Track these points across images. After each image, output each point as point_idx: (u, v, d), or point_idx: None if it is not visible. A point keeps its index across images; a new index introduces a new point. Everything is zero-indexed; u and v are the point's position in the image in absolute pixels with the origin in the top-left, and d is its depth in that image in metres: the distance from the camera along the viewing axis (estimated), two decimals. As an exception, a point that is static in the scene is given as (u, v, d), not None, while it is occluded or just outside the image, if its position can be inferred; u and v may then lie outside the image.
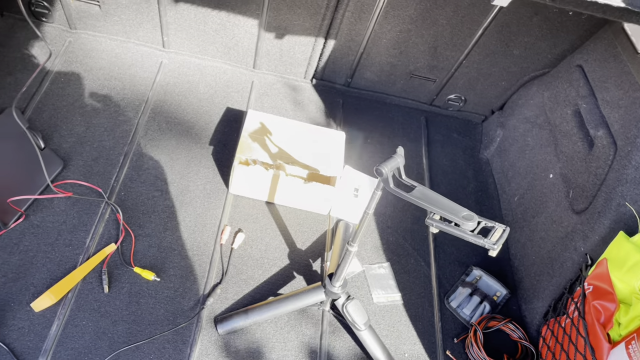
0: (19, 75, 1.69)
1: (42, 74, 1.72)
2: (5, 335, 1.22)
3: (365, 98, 1.98)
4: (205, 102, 1.82)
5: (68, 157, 1.55)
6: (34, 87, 1.68)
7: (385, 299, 1.48)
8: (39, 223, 1.41)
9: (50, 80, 1.71)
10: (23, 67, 1.72)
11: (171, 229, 1.49)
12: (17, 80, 1.68)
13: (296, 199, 1.58)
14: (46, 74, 1.72)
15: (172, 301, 1.36)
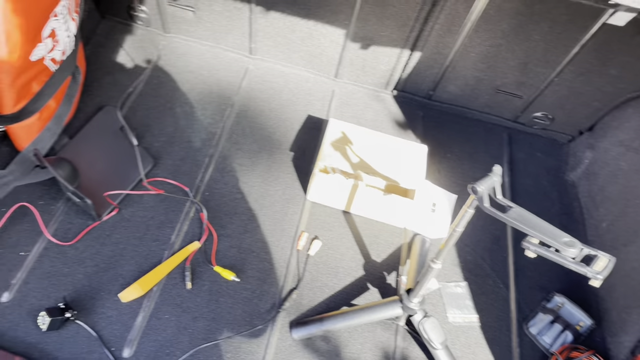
0: (117, 75, 1.79)
1: (138, 74, 1.81)
2: (95, 322, 1.28)
3: (446, 111, 1.95)
4: (287, 108, 1.86)
5: (158, 155, 1.62)
6: (130, 87, 1.77)
7: (461, 319, 1.44)
8: (129, 217, 1.48)
9: (145, 81, 1.79)
10: (120, 68, 1.82)
11: (251, 231, 1.52)
12: (115, 80, 1.78)
13: (373, 210, 1.57)
14: (141, 75, 1.81)
15: (250, 302, 1.39)
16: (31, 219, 1.41)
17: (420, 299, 1.26)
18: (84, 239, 1.41)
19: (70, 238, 1.40)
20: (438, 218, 1.63)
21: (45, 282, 1.32)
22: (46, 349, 1.22)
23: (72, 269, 1.35)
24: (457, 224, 1.05)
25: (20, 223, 1.40)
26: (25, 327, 1.24)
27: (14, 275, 1.31)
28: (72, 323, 1.26)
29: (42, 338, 1.23)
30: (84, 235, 1.41)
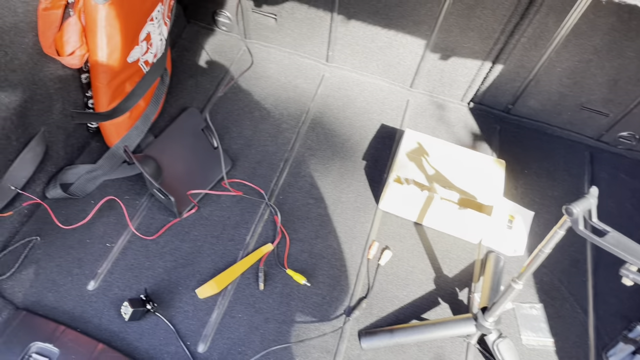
0: (200, 78, 1.86)
1: (219, 79, 1.87)
2: (172, 315, 1.33)
3: (524, 126, 1.89)
4: (361, 117, 1.86)
5: (236, 157, 1.67)
6: (211, 90, 1.83)
7: (535, 342, 1.39)
8: (207, 216, 1.53)
9: (224, 85, 1.85)
10: (203, 71, 1.89)
11: (322, 237, 1.54)
12: (198, 83, 1.85)
13: (447, 224, 1.55)
14: (222, 79, 1.87)
15: (320, 308, 1.40)
16: (117, 213, 1.49)
17: (496, 318, 1.23)
18: (164, 234, 1.47)
19: (152, 233, 1.46)
20: (514, 235, 1.59)
21: (128, 274, 1.38)
22: (127, 338, 1.27)
23: (153, 263, 1.41)
24: (545, 245, 1.02)
25: (108, 216, 1.48)
26: (109, 315, 1.30)
27: (100, 264, 1.39)
28: (151, 315, 1.31)
29: (124, 327, 1.29)
30: (165, 230, 1.47)
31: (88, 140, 1.61)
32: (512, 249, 1.57)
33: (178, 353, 1.27)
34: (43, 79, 1.32)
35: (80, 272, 1.37)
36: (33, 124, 1.35)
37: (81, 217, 1.46)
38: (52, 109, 1.39)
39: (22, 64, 1.24)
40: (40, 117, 1.36)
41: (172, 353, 1.27)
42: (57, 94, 1.38)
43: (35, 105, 1.33)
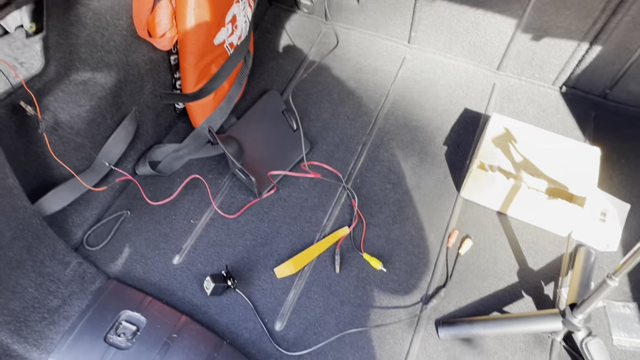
0: (280, 61, 1.87)
1: (299, 61, 1.87)
2: (251, 292, 1.36)
3: (623, 113, 1.75)
4: (443, 100, 1.80)
5: (314, 140, 1.67)
6: (292, 72, 1.84)
7: (628, 344, 1.30)
8: (286, 197, 1.54)
9: (305, 67, 1.85)
10: (284, 54, 1.90)
11: (400, 222, 1.51)
12: (279, 65, 1.86)
13: (534, 214, 1.47)
14: (302, 62, 1.87)
15: (396, 294, 1.38)
16: (201, 191, 1.54)
17: (586, 316, 1.15)
18: (245, 213, 1.50)
19: (233, 211, 1.50)
20: (607, 229, 1.48)
21: (210, 250, 1.43)
22: (208, 312, 1.32)
23: (233, 241, 1.45)
24: (649, 241, 0.93)
25: (192, 194, 1.53)
26: (192, 289, 1.36)
27: (185, 240, 1.44)
28: (231, 291, 1.35)
29: (206, 301, 1.34)
30: (245, 210, 1.51)
31: (175, 120, 1.67)
32: (605, 244, 1.46)
33: (256, 329, 1.30)
34: (136, 60, 1.38)
35: (166, 246, 1.43)
36: (126, 104, 1.42)
37: (168, 194, 1.52)
38: (143, 90, 1.45)
39: (117, 45, 1.30)
40: (133, 97, 1.43)
41: (250, 329, 1.30)
42: (148, 75, 1.44)
43: (128, 85, 1.39)
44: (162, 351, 1.18)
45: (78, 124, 1.30)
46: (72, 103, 1.28)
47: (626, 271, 1.00)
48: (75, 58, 1.25)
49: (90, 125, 1.33)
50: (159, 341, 1.20)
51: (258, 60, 1.86)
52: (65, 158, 1.32)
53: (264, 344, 1.28)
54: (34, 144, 1.25)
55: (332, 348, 1.28)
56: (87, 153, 1.37)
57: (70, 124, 1.29)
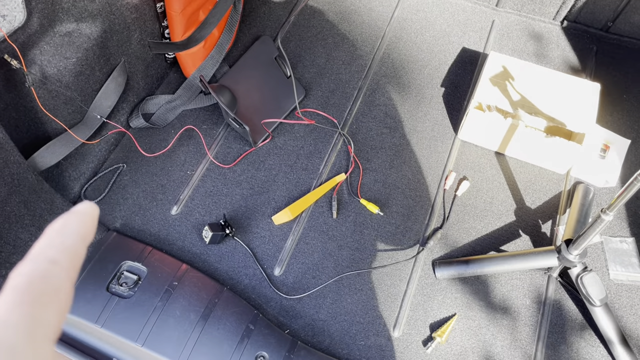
0: (272, 5, 1.82)
1: (291, 5, 1.82)
2: (249, 240, 1.38)
3: (625, 46, 1.70)
4: (441, 40, 1.75)
5: (309, 86, 1.64)
6: (284, 17, 1.79)
7: (624, 277, 1.31)
8: (281, 145, 1.53)
9: (298, 11, 1.80)
10: (275, -2, 1.84)
11: (396, 167, 1.50)
12: (270, 10, 1.81)
13: (532, 153, 1.46)
14: (295, 5, 1.82)
15: (393, 237, 1.39)
16: (196, 142, 1.53)
17: (581, 251, 1.16)
18: (241, 163, 1.50)
19: (229, 161, 1.50)
20: (607, 165, 1.47)
21: (207, 200, 1.43)
22: (208, 260, 1.34)
23: (230, 190, 1.45)
24: (643, 173, 0.92)
25: (187, 145, 1.53)
26: (191, 238, 1.37)
27: (182, 191, 1.45)
28: (230, 239, 1.37)
29: (205, 250, 1.36)
30: (241, 159, 1.50)
31: (166, 71, 1.65)
32: (604, 180, 1.45)
33: (256, 275, 1.32)
34: (120, 9, 1.34)
35: (163, 197, 1.44)
36: (114, 55, 1.39)
37: (163, 146, 1.52)
38: (131, 39, 1.42)
39: (100, -7, 1.27)
40: (120, 47, 1.40)
41: (250, 275, 1.32)
42: (134, 24, 1.40)
43: (115, 35, 1.36)
44: (164, 298, 1.21)
45: (66, 76, 1.28)
46: (58, 55, 1.26)
47: (620, 205, 1.00)
48: (58, 8, 1.22)
49: (79, 78, 1.32)
50: (161, 289, 1.23)
51: (249, 6, 1.80)
52: (55, 112, 1.31)
53: (264, 288, 1.30)
54: (22, 99, 1.24)
55: (331, 291, 1.30)
56: (77, 106, 1.36)
57: (58, 77, 1.27)
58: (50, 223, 0.29)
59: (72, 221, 0.29)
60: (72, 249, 0.28)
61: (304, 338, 1.24)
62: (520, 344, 1.23)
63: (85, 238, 0.29)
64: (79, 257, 0.29)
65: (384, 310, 1.28)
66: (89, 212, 0.31)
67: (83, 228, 0.29)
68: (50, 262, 0.27)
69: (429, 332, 1.25)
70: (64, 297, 0.26)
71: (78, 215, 0.30)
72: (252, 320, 1.20)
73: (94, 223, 0.31)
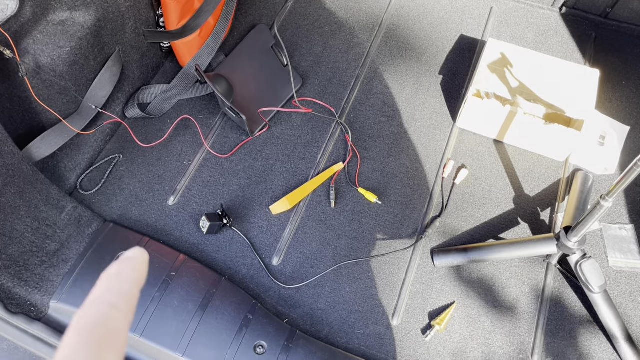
0: (268, -6, 1.80)
1: (288, -7, 1.80)
2: (247, 230, 1.37)
3: (625, 32, 1.69)
4: (439, 28, 1.74)
5: (306, 75, 1.63)
6: (280, 5, 1.77)
7: (624, 264, 1.31)
8: (279, 135, 1.52)
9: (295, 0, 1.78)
10: (271, -14, 1.82)
11: (395, 155, 1.49)
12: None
13: (531, 140, 1.45)
14: (291, -7, 1.80)
15: (391, 226, 1.38)
16: (192, 132, 1.52)
17: (580, 238, 1.15)
18: (238, 152, 1.49)
19: (226, 151, 1.49)
20: (606, 152, 1.46)
21: (204, 190, 1.43)
22: (206, 250, 1.34)
23: (227, 180, 1.44)
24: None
25: (184, 135, 1.52)
26: (189, 229, 1.37)
27: (179, 181, 1.44)
28: (228, 229, 1.36)
29: (203, 240, 1.35)
30: (238, 149, 1.49)
31: (162, 60, 1.63)
32: (603, 167, 1.45)
33: (254, 265, 1.32)
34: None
35: (160, 188, 1.43)
36: (108, 44, 1.38)
37: (159, 136, 1.50)
38: (125, 28, 1.40)
39: (93, -19, 1.25)
40: (115, 36, 1.38)
41: (248, 265, 1.32)
42: (128, 12, 1.39)
43: (109, 24, 1.34)
44: (161, 289, 1.21)
45: (60, 66, 1.27)
46: (52, 45, 1.24)
47: (619, 191, 0.99)
48: (50, -3, 1.20)
49: (73, 67, 1.30)
50: (158, 279, 1.22)
51: (245, -6, 1.79)
52: (50, 102, 1.30)
53: (262, 278, 1.30)
54: (16, 89, 1.22)
55: (329, 280, 1.30)
56: (72, 97, 1.35)
57: (52, 67, 1.26)
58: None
59: (127, 267, 0.32)
60: (128, 294, 0.30)
61: (302, 327, 1.24)
62: (519, 332, 1.23)
63: (139, 283, 0.32)
64: (135, 302, 0.31)
65: (383, 298, 1.27)
66: (140, 257, 0.33)
67: (137, 274, 0.32)
68: (110, 306, 0.29)
69: (427, 321, 1.25)
70: (123, 339, 0.29)
71: (131, 262, 0.32)
72: (251, 309, 1.20)
73: (145, 268, 0.33)
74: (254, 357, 1.14)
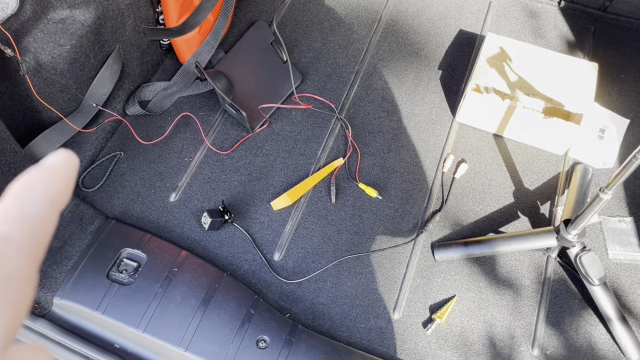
0: (267, -10, 1.80)
1: (287, -11, 1.80)
2: (249, 226, 1.38)
3: (623, 26, 1.69)
4: (438, 23, 1.74)
5: (306, 71, 1.63)
6: (279, 1, 1.78)
7: (623, 257, 1.31)
8: (279, 131, 1.53)
9: (293, -5, 1.79)
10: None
11: (394, 150, 1.50)
12: (266, -5, 1.80)
13: (530, 134, 1.45)
14: (290, -10, 1.80)
15: (392, 220, 1.39)
16: (193, 129, 1.52)
17: (580, 231, 1.16)
18: (238, 149, 1.49)
19: (226, 148, 1.49)
20: (605, 146, 1.46)
21: (206, 187, 1.43)
22: (208, 246, 1.34)
23: (228, 176, 1.45)
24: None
25: (184, 132, 1.52)
26: (190, 225, 1.37)
27: (180, 178, 1.44)
28: (229, 225, 1.37)
29: (204, 236, 1.36)
30: (238, 145, 1.50)
31: (161, 57, 1.63)
32: (602, 161, 1.45)
33: (255, 261, 1.32)
34: (113, -5, 1.33)
35: (162, 184, 1.43)
36: (108, 42, 1.38)
37: (160, 133, 1.51)
38: (125, 26, 1.41)
39: (92, -21, 1.25)
40: (114, 34, 1.39)
41: (249, 260, 1.32)
42: (128, 10, 1.39)
43: (109, 21, 1.35)
44: (164, 285, 1.21)
45: (60, 64, 1.27)
46: (52, 43, 1.25)
47: (618, 183, 1.00)
48: (50, -5, 1.21)
49: (74, 65, 1.31)
50: (161, 275, 1.23)
51: (244, -9, 1.79)
52: (51, 100, 1.30)
53: (264, 273, 1.31)
54: (17, 87, 1.23)
55: (331, 274, 1.31)
56: (73, 94, 1.35)
57: (53, 65, 1.26)
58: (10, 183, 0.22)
59: (38, 179, 0.22)
60: (34, 218, 0.21)
61: (304, 322, 1.24)
62: (520, 324, 1.24)
63: (54, 203, 0.22)
64: (45, 230, 0.21)
65: (384, 293, 1.28)
66: (61, 165, 0.23)
67: (52, 188, 0.22)
68: (1, 239, 0.20)
69: (428, 314, 1.26)
70: (16, 288, 0.19)
71: (46, 171, 0.22)
72: (253, 304, 1.21)
73: (68, 180, 0.23)
74: (256, 351, 1.15)
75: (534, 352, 1.21)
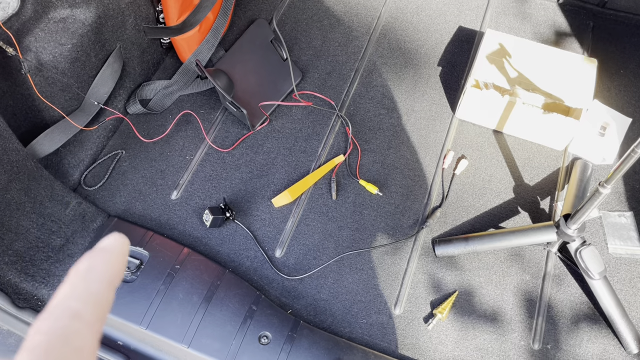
0: (267, -11, 1.81)
1: (286, -13, 1.81)
2: (250, 223, 1.39)
3: (622, 22, 1.69)
4: (437, 20, 1.75)
5: (306, 68, 1.64)
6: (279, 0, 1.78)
7: (623, 251, 1.32)
8: (279, 128, 1.54)
9: (293, -7, 1.79)
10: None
11: (395, 147, 1.51)
12: (266, -7, 1.80)
13: (530, 130, 1.46)
14: (289, -12, 1.81)
15: (392, 217, 1.40)
16: (194, 127, 1.53)
17: (580, 225, 1.17)
18: (239, 147, 1.50)
19: (227, 145, 1.50)
20: (606, 142, 1.47)
21: (207, 184, 1.44)
22: (209, 244, 1.35)
23: (229, 174, 1.46)
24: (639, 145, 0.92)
25: (185, 130, 1.53)
26: (192, 222, 1.38)
27: (181, 176, 1.45)
28: (230, 222, 1.37)
29: (206, 233, 1.36)
30: (239, 143, 1.50)
31: (162, 56, 1.64)
32: (601, 157, 1.46)
33: (257, 257, 1.33)
34: (114, -6, 1.34)
35: (163, 182, 1.44)
36: (109, 41, 1.39)
37: (161, 131, 1.52)
38: (126, 25, 1.41)
39: (93, -22, 1.26)
40: (115, 33, 1.39)
41: (251, 257, 1.33)
42: (128, 9, 1.40)
43: (109, 21, 1.35)
44: (166, 282, 1.22)
45: (62, 63, 1.28)
46: (53, 42, 1.26)
47: (618, 178, 1.00)
48: (51, -6, 1.21)
49: (75, 64, 1.31)
50: (163, 273, 1.24)
51: (243, -11, 1.79)
52: (53, 99, 1.31)
53: (266, 270, 1.31)
54: (19, 86, 1.24)
55: (332, 271, 1.31)
56: (74, 93, 1.36)
57: (54, 64, 1.27)
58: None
59: (99, 262, 0.25)
60: (98, 297, 0.24)
61: (306, 318, 1.25)
62: (521, 319, 1.25)
63: (112, 281, 0.25)
64: (106, 307, 0.25)
65: (385, 288, 1.29)
66: (116, 248, 0.26)
67: (110, 270, 0.25)
68: (72, 316, 0.23)
69: (429, 309, 1.26)
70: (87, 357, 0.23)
71: (104, 255, 0.26)
72: (255, 301, 1.22)
73: (123, 261, 0.26)
74: (258, 347, 1.15)
75: (535, 347, 1.21)
